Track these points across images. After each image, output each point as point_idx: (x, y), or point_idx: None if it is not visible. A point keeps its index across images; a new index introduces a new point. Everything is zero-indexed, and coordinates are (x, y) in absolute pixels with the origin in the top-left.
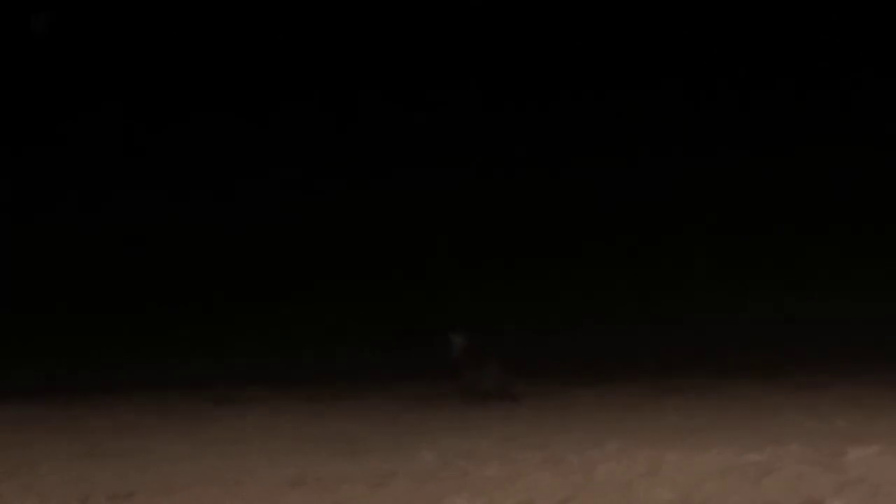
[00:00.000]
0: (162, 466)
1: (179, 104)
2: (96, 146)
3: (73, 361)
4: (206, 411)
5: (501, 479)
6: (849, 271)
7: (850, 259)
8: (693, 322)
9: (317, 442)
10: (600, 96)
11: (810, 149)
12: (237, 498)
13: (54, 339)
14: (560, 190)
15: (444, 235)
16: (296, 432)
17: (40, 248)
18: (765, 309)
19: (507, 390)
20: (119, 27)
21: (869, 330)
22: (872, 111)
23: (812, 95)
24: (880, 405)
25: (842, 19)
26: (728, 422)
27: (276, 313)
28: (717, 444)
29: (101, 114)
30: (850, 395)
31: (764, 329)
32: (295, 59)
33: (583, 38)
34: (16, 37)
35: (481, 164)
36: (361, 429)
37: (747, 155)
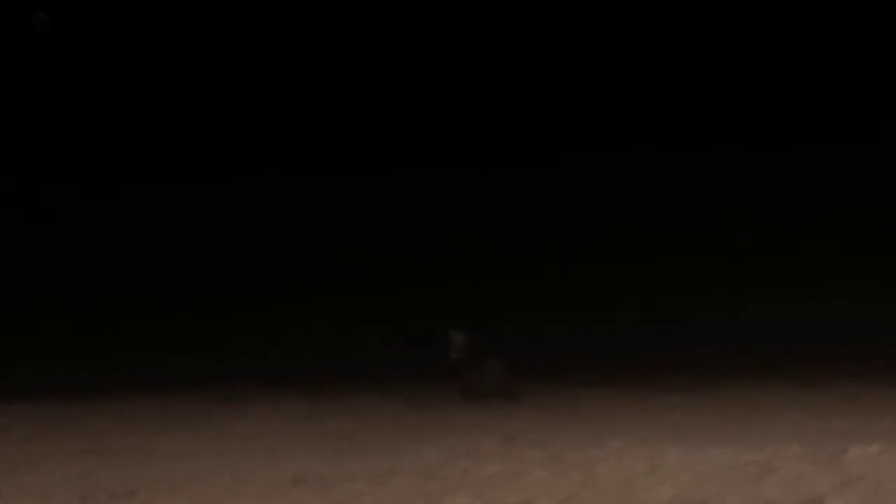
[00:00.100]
0: (163, 465)
1: (179, 103)
2: (96, 146)
3: (73, 361)
4: (207, 410)
5: (502, 478)
6: (849, 271)
7: (850, 259)
8: (693, 322)
9: (317, 441)
10: (600, 96)
11: (810, 149)
12: (238, 496)
13: (54, 339)
14: (560, 190)
15: (444, 235)
16: (296, 431)
17: (40, 248)
18: (765, 309)
19: (507, 389)
20: (119, 27)
21: (869, 330)
22: (872, 111)
23: (812, 95)
24: (880, 404)
25: (842, 19)
26: (728, 421)
27: (276, 313)
28: (717, 443)
29: (100, 113)
30: (850, 394)
31: (764, 329)
32: (294, 58)
33: (583, 38)
34: (16, 37)
35: (482, 164)
36: (362, 428)
37: (747, 155)
